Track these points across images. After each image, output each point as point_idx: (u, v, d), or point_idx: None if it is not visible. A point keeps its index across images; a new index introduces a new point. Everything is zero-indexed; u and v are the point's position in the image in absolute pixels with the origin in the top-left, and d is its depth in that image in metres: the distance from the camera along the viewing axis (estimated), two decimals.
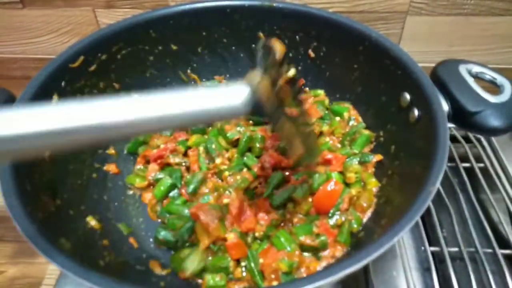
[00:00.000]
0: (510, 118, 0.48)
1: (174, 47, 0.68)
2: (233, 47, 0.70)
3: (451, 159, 0.73)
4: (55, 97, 0.54)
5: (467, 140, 0.76)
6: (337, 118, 0.65)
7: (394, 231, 0.37)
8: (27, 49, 0.82)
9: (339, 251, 0.51)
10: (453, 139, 0.76)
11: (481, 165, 0.71)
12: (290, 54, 0.69)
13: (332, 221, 0.53)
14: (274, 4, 0.64)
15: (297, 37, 0.66)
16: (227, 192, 0.57)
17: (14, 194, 0.42)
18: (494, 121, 0.48)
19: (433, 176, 0.41)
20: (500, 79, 0.51)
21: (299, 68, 0.70)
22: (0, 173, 0.44)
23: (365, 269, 0.60)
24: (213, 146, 0.62)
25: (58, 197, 0.50)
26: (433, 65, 0.56)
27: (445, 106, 0.50)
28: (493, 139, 0.75)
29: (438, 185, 0.41)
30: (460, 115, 0.49)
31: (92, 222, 0.53)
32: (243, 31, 0.67)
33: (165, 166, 0.63)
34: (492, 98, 0.49)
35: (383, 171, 0.57)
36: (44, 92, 0.53)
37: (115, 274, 0.47)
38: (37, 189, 0.47)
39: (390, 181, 0.55)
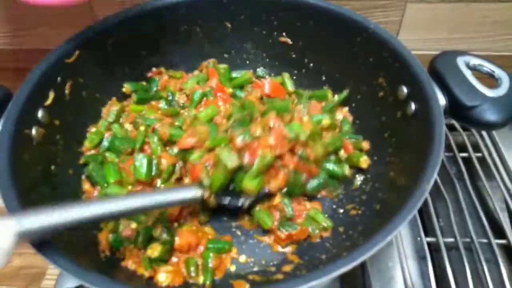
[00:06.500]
0: (507, 112, 0.47)
1: (169, 39, 0.67)
2: (231, 38, 0.69)
3: (448, 148, 0.73)
4: (51, 94, 0.54)
5: (465, 128, 0.76)
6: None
7: (387, 230, 0.38)
8: (21, 41, 0.81)
9: None
10: (451, 127, 0.76)
11: (479, 154, 0.71)
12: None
13: None
14: None
15: (295, 27, 0.65)
16: None
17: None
18: (491, 116, 0.47)
19: (427, 173, 0.41)
20: (498, 72, 0.50)
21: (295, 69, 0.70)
22: None
23: None
24: None
25: None
26: (434, 53, 0.55)
27: (442, 100, 0.49)
28: None
29: (432, 182, 0.41)
30: (457, 109, 0.49)
31: None
32: (241, 21, 0.66)
33: None
34: (489, 92, 0.48)
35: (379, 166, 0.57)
36: (40, 89, 0.53)
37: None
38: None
39: (385, 177, 0.55)
